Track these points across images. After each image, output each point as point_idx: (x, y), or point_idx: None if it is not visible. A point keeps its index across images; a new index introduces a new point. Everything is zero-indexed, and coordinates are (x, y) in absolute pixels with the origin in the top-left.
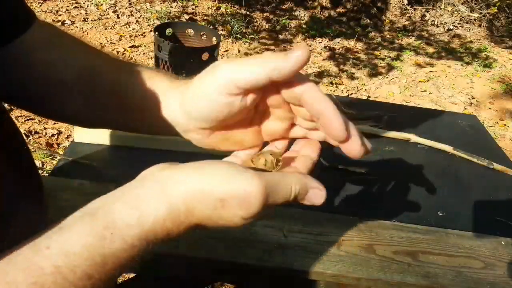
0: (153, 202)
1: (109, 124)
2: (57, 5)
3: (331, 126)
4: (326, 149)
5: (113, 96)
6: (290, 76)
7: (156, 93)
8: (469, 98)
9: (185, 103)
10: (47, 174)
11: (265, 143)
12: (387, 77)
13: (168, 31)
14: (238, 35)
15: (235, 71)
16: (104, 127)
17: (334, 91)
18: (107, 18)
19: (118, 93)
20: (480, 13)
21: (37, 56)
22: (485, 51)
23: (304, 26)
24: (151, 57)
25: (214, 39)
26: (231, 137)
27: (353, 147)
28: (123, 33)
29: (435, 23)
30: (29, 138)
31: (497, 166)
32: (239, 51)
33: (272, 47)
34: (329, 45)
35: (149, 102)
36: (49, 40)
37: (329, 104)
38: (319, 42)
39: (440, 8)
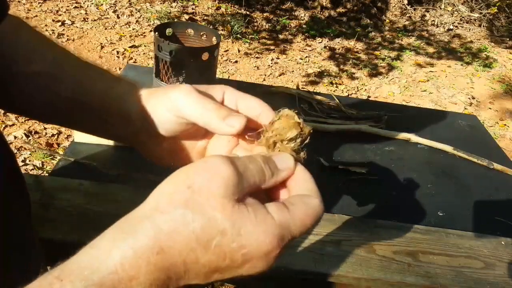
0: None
1: (60, 119)
2: (57, 5)
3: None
4: (326, 149)
5: (74, 94)
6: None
7: (117, 93)
8: (469, 98)
9: (146, 107)
10: (47, 174)
11: None
12: (387, 77)
13: (168, 31)
14: (238, 35)
15: (184, 105)
16: (63, 125)
17: (334, 91)
18: (107, 18)
19: (78, 91)
20: (480, 13)
21: (7, 49)
22: (485, 51)
23: (304, 26)
24: (151, 57)
25: (214, 39)
26: (178, 150)
27: None
28: (123, 33)
29: (435, 23)
30: (29, 138)
31: (497, 166)
32: (239, 51)
33: (272, 47)
34: (329, 45)
35: (109, 100)
36: (19, 34)
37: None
38: (319, 42)
39: (440, 8)
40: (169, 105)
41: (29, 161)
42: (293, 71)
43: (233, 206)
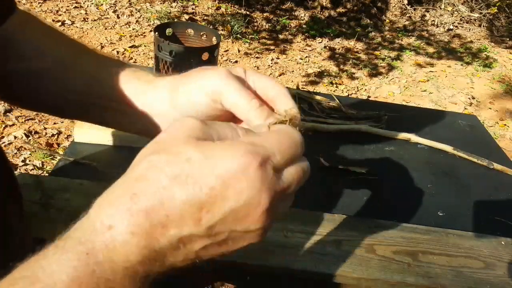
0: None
1: (84, 116)
2: (57, 5)
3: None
4: (326, 149)
5: (90, 87)
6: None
7: (140, 82)
8: (469, 98)
9: (176, 91)
10: (47, 174)
11: None
12: (387, 77)
13: (168, 31)
14: (238, 35)
15: (225, 93)
16: (79, 118)
17: (334, 91)
18: (107, 18)
19: (94, 84)
20: (480, 13)
21: (13, 47)
22: (485, 51)
23: (304, 26)
24: (151, 57)
25: (214, 39)
26: None
27: None
28: (123, 33)
29: (435, 23)
30: (29, 138)
31: (497, 166)
32: (239, 51)
33: (272, 47)
34: (329, 45)
35: (125, 92)
36: (26, 30)
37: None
38: (319, 42)
39: (440, 8)
40: (207, 89)
41: (29, 161)
42: (293, 71)
43: (198, 140)
